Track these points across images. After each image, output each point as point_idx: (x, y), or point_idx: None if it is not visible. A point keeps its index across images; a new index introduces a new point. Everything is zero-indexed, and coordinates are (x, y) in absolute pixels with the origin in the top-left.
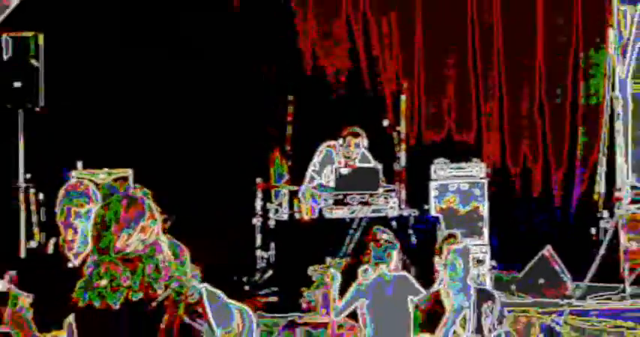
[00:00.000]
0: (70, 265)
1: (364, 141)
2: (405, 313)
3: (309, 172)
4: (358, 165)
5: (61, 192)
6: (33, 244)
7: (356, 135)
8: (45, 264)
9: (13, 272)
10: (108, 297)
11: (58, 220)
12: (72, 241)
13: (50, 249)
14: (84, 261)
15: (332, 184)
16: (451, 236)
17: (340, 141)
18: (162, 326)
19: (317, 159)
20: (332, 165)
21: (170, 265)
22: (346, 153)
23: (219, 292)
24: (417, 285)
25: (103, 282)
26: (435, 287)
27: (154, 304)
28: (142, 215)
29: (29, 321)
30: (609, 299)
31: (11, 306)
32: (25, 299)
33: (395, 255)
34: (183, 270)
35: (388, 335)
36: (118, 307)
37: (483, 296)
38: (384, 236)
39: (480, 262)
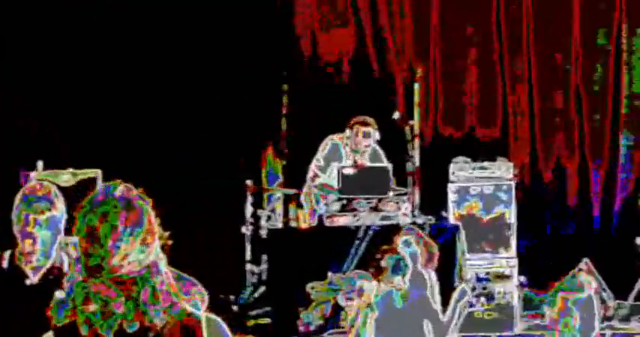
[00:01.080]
0: (27, 282)
1: (375, 133)
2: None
3: (312, 168)
4: (367, 164)
5: (18, 196)
6: None
7: (364, 123)
8: None
9: None
10: (99, 325)
11: (14, 229)
12: (30, 253)
13: (5, 263)
14: (44, 278)
15: (336, 185)
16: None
17: (347, 132)
18: None
19: (321, 154)
20: (338, 162)
21: (169, 288)
22: (354, 145)
23: (219, 321)
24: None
25: (92, 307)
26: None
27: (151, 336)
28: (141, 226)
29: None
30: None
31: None
32: None
33: (410, 265)
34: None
35: None
36: None
37: None
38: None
39: (506, 278)
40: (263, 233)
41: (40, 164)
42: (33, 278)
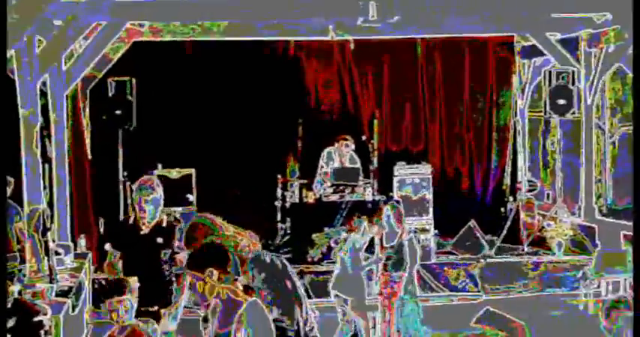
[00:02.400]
0: (141, 232)
1: (352, 145)
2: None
3: (321, 164)
4: (347, 164)
5: (136, 184)
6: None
7: (345, 138)
8: (128, 232)
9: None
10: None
11: (134, 203)
12: (143, 218)
13: (131, 220)
14: (151, 230)
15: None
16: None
17: (335, 144)
18: None
19: (322, 159)
20: (331, 162)
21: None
22: (339, 152)
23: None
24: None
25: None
26: None
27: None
28: None
29: (119, 269)
30: (512, 254)
31: (109, 259)
32: (117, 255)
33: (361, 226)
34: None
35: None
36: None
37: None
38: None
39: (426, 231)
40: (287, 205)
41: (159, 165)
42: (145, 230)
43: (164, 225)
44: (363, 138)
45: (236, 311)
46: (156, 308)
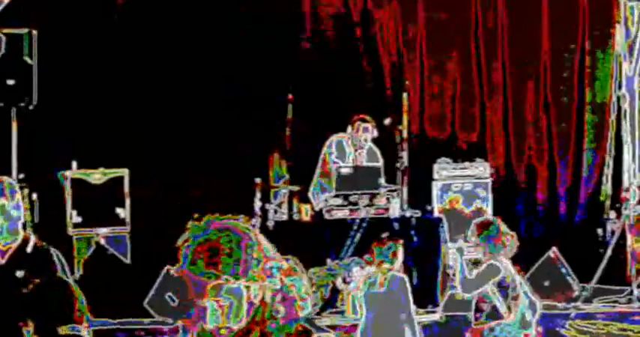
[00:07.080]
0: None
1: (374, 130)
2: (396, 313)
3: (323, 156)
4: (363, 162)
5: None
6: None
7: (364, 120)
8: None
9: None
10: None
11: None
12: None
13: None
14: (9, 259)
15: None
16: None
17: (349, 128)
18: None
19: (329, 156)
20: (342, 154)
21: None
22: (356, 141)
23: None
24: (408, 296)
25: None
26: None
27: None
28: None
29: None
30: (616, 302)
31: None
32: None
33: (400, 255)
34: None
35: (379, 329)
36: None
37: None
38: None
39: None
40: (270, 224)
41: (74, 163)
42: (1, 261)
43: (29, 249)
44: (387, 121)
45: None
46: None
